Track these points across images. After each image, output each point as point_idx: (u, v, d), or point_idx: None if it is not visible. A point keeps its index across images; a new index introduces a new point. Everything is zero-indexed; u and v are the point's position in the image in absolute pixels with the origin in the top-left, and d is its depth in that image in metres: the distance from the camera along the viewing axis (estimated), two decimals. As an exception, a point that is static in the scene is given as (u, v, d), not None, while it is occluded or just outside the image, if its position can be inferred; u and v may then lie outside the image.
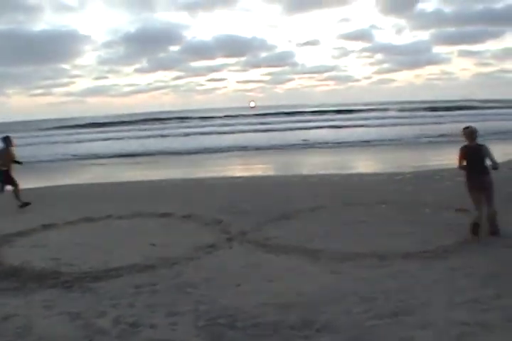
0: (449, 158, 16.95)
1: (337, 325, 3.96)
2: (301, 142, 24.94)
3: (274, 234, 6.99)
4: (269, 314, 4.25)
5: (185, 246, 6.55)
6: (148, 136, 36.19)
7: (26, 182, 15.47)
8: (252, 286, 4.99)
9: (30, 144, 32.37)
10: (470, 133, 6.53)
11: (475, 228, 6.33)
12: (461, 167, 6.64)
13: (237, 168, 17.94)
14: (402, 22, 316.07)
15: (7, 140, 10.24)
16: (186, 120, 60.85)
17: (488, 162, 6.44)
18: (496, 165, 6.41)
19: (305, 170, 15.97)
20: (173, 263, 5.83)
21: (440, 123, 35.66)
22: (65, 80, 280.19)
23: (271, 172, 16.22)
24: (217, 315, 4.26)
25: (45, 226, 8.05)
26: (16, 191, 10.16)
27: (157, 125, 53.52)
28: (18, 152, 10.52)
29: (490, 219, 6.45)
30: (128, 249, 6.56)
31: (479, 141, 6.56)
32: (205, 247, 6.45)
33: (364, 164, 17.85)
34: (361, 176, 13.04)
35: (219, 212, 8.52)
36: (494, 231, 6.41)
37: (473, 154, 6.49)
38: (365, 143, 22.91)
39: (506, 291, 4.48)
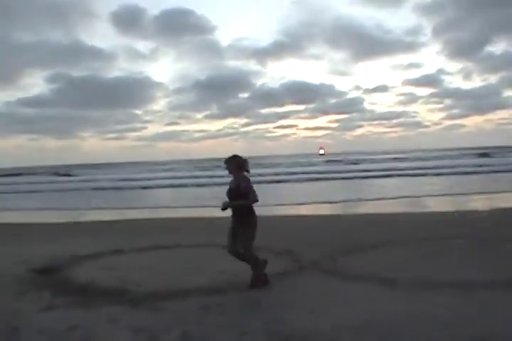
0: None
1: (421, 349, 3.57)
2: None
3: (346, 264, 6.63)
4: (345, 336, 3.93)
5: (254, 273, 6.27)
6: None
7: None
8: (325, 310, 4.67)
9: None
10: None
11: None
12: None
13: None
14: (470, 66, 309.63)
15: None
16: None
17: None
18: None
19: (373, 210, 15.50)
20: (242, 288, 5.58)
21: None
22: (138, 125, 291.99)
23: (340, 212, 15.80)
24: (291, 335, 3.97)
25: (114, 251, 8.05)
26: None
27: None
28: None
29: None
30: (196, 274, 6.37)
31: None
32: (276, 274, 6.14)
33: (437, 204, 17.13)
34: (435, 214, 12.54)
35: (288, 244, 8.22)
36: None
37: None
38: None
39: None
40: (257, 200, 5.52)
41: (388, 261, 6.81)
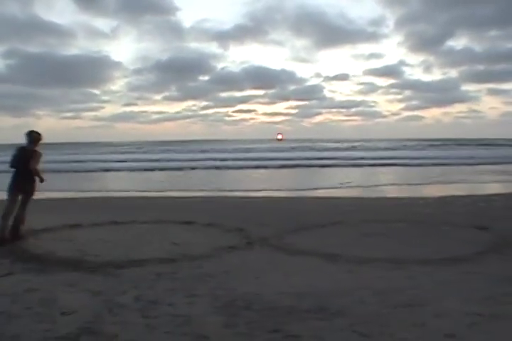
0: (469, 188, 17.56)
1: (351, 311, 4.05)
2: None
3: (294, 241, 7.09)
4: (285, 300, 4.35)
5: (206, 246, 6.69)
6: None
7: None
8: (269, 279, 5.10)
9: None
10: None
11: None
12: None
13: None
14: (431, 59, 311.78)
15: None
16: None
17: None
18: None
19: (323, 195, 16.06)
20: (194, 258, 5.97)
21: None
22: (95, 105, 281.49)
23: (292, 196, 16.31)
24: (235, 299, 4.38)
25: (72, 226, 8.27)
26: None
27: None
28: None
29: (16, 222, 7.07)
30: (151, 246, 6.73)
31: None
32: (226, 248, 6.58)
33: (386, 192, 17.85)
34: (382, 200, 13.16)
35: (240, 223, 8.63)
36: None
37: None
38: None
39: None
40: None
41: (332, 239, 7.28)
